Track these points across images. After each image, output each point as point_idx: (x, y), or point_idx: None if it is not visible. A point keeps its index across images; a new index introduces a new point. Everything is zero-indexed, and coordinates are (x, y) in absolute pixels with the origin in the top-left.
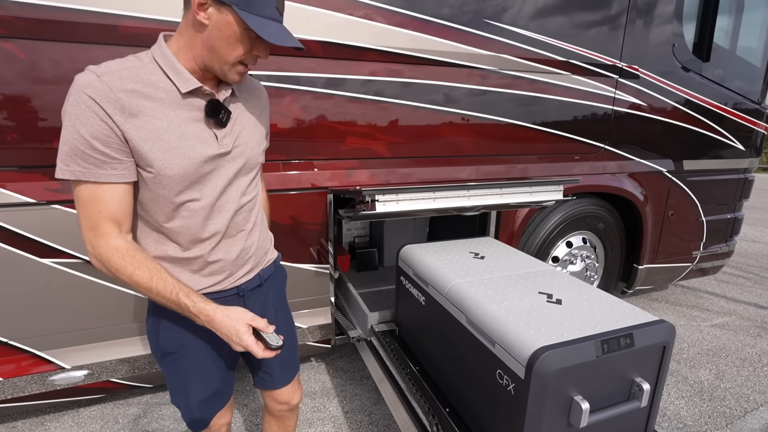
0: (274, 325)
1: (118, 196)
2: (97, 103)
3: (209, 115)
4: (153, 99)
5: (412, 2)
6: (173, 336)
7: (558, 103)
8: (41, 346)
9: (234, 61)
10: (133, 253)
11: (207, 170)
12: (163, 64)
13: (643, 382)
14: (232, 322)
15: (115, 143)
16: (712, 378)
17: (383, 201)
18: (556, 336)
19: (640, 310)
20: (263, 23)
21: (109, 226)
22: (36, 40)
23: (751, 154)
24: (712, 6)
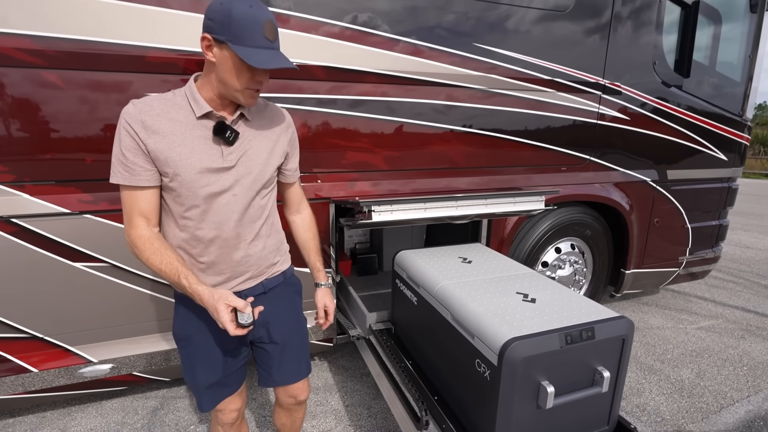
0: (256, 308)
1: (147, 197)
2: (129, 124)
3: (216, 134)
4: (174, 121)
5: (406, 28)
6: (185, 325)
7: (545, 119)
8: (72, 341)
9: (242, 88)
10: (152, 241)
11: (212, 180)
12: (188, 96)
13: (604, 370)
14: (213, 300)
15: (141, 154)
16: (693, 377)
17: (379, 211)
18: (526, 329)
19: (604, 308)
20: (252, 52)
21: (139, 220)
22: (72, 70)
23: (734, 164)
24: (690, 25)
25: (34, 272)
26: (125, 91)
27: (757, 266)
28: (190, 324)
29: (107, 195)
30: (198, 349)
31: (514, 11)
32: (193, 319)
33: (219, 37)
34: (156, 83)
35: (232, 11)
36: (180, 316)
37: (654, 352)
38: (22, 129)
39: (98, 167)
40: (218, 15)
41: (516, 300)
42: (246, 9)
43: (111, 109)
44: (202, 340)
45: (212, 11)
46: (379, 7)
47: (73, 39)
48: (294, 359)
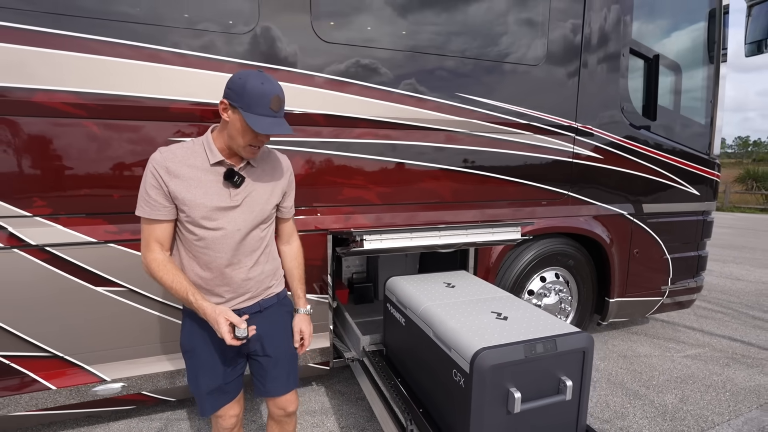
0: (250, 326)
1: (163, 227)
2: (155, 168)
3: (225, 178)
4: (192, 167)
5: (395, 79)
6: (191, 336)
7: (525, 158)
8: (89, 360)
9: (245, 144)
10: (165, 263)
11: (220, 216)
12: (205, 145)
13: (567, 380)
14: (215, 314)
15: (162, 194)
16: (677, 401)
17: (370, 240)
18: (495, 341)
19: (568, 324)
20: (258, 119)
21: (155, 245)
22: (105, 119)
23: (707, 198)
24: (653, 74)
25: (60, 295)
26: (147, 137)
27: (746, 297)
28: (195, 336)
29: (130, 226)
30: (201, 358)
31: (492, 65)
32: (198, 332)
33: (233, 103)
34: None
35: (246, 85)
36: (186, 328)
37: (640, 378)
38: (58, 168)
39: (123, 202)
40: (235, 86)
41: (490, 318)
42: (258, 85)
43: (135, 152)
44: (205, 350)
45: (231, 82)
46: (369, 60)
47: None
48: (284, 372)
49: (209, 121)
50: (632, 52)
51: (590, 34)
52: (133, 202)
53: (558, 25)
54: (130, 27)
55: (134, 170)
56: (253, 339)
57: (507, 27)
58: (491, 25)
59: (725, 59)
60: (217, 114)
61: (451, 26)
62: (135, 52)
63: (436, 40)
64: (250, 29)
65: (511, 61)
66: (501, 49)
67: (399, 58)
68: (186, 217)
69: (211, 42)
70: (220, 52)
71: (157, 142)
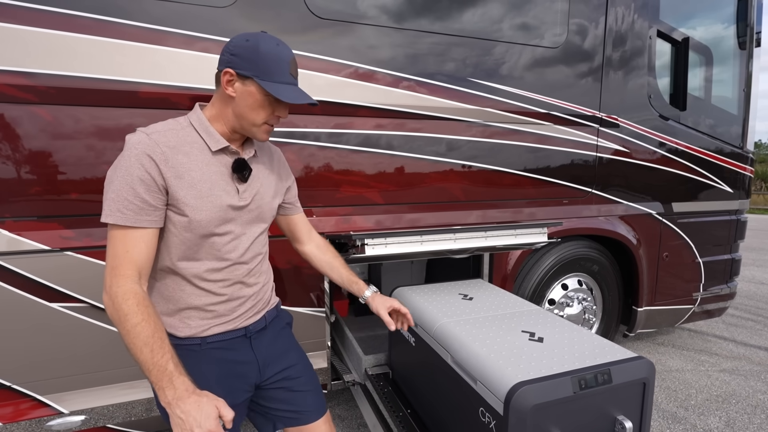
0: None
1: (147, 239)
2: (147, 155)
3: (235, 171)
4: (189, 155)
5: (403, 65)
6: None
7: (545, 152)
8: (43, 390)
9: (261, 123)
10: (147, 303)
11: (228, 218)
12: (198, 128)
13: (625, 420)
14: (203, 397)
15: (155, 191)
16: (723, 426)
17: (372, 244)
18: (534, 372)
19: (619, 347)
20: (280, 88)
21: (131, 270)
22: (59, 105)
23: (740, 196)
24: (682, 60)
25: (6, 313)
26: (111, 126)
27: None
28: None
29: (91, 231)
30: None
31: (506, 47)
32: (200, 373)
33: (243, 72)
34: (133, 117)
35: (260, 48)
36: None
37: (676, 397)
38: (2, 164)
39: (82, 203)
40: (243, 51)
41: (522, 339)
42: (273, 47)
43: (96, 145)
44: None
45: (236, 47)
46: (368, 39)
47: (62, 75)
48: (314, 391)
49: (183, 109)
50: (660, 36)
51: (615, 15)
52: (95, 202)
53: (579, 6)
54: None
55: (96, 165)
56: (263, 364)
57: (523, 6)
58: (506, 4)
59: (759, 44)
60: (193, 99)
61: (460, 4)
62: (97, 26)
63: (443, 19)
64: (232, 2)
65: (527, 44)
66: (516, 31)
67: (402, 37)
68: (188, 221)
69: (188, 16)
70: (198, 28)
71: (122, 133)
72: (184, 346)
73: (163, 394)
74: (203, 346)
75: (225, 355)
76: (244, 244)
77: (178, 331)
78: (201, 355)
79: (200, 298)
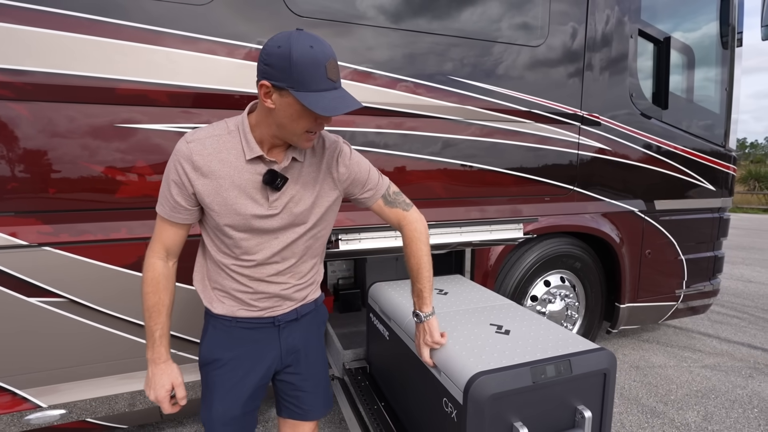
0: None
1: (175, 232)
2: (180, 162)
3: (265, 182)
4: (224, 162)
5: (386, 62)
6: (214, 347)
7: (526, 149)
8: (20, 384)
9: (301, 132)
10: (159, 279)
11: (255, 225)
12: (241, 133)
13: (585, 410)
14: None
15: (186, 195)
16: (700, 420)
17: (346, 240)
18: (495, 363)
19: (583, 339)
20: (317, 98)
21: (160, 249)
22: (36, 101)
23: (722, 194)
24: (663, 59)
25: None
26: (87, 123)
27: (761, 300)
28: (219, 346)
29: (69, 227)
30: (223, 375)
31: (488, 45)
32: (224, 343)
33: (279, 84)
34: (109, 114)
35: (292, 55)
36: (210, 335)
37: (657, 392)
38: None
39: (60, 198)
40: (276, 60)
41: (488, 332)
42: (306, 50)
43: (71, 141)
44: (229, 363)
45: (269, 55)
46: (349, 38)
47: (39, 71)
48: (322, 393)
49: (161, 105)
50: (641, 35)
51: (596, 14)
52: (73, 199)
53: (561, 5)
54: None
55: (72, 162)
56: (285, 352)
57: (505, 5)
58: (488, 3)
59: (741, 44)
60: (171, 97)
61: (441, 3)
62: (75, 24)
63: (425, 17)
64: (209, 0)
65: (509, 42)
66: (499, 30)
67: (383, 35)
68: (213, 222)
69: (167, 14)
70: (175, 25)
71: (100, 129)
72: (218, 320)
73: (146, 352)
74: (233, 323)
75: (252, 335)
76: (274, 247)
77: (213, 308)
78: (231, 330)
79: (231, 283)
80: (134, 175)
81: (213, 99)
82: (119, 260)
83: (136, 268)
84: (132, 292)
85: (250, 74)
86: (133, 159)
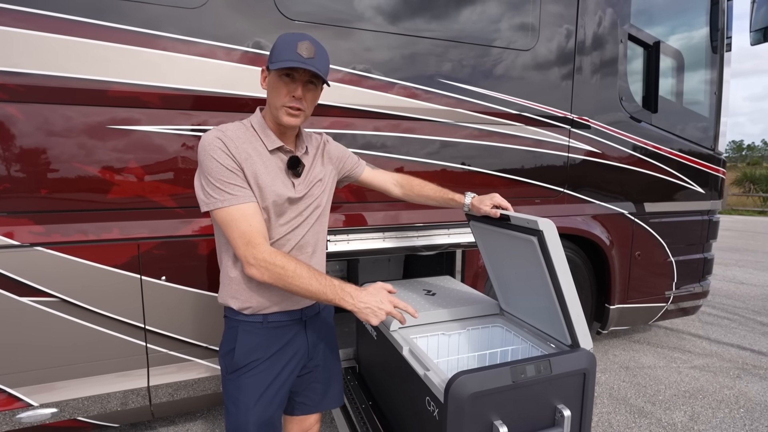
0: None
1: (258, 212)
2: (228, 148)
3: (289, 167)
4: (254, 152)
5: (374, 65)
6: (249, 351)
7: (517, 152)
8: (12, 383)
9: (279, 105)
10: (287, 255)
11: (285, 209)
12: (257, 129)
13: (564, 409)
14: (378, 296)
15: (242, 175)
16: (687, 420)
17: (334, 241)
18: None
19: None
20: (282, 63)
21: (261, 238)
22: (29, 103)
23: (712, 196)
24: (653, 64)
25: None
26: (79, 123)
27: (752, 302)
28: (255, 348)
29: (60, 227)
30: (257, 375)
31: (479, 49)
32: (259, 345)
33: (267, 66)
34: (102, 115)
35: (277, 41)
36: (243, 342)
37: (645, 393)
38: None
39: (52, 199)
40: (271, 49)
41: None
42: (288, 36)
43: (65, 142)
44: (264, 363)
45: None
46: (340, 41)
47: (32, 74)
48: (337, 382)
49: (154, 107)
50: (631, 39)
51: (586, 18)
52: (66, 199)
53: (551, 9)
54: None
55: (66, 162)
56: (312, 346)
57: (495, 8)
58: (478, 6)
59: (730, 48)
60: (162, 99)
61: (433, 6)
62: (70, 27)
63: (415, 21)
64: (203, 3)
65: (500, 46)
66: (489, 33)
67: (374, 39)
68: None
69: (158, 17)
70: (167, 28)
71: (92, 130)
72: (248, 323)
73: (345, 303)
74: (264, 324)
75: (283, 334)
76: (304, 233)
77: (245, 307)
78: (264, 331)
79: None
80: (128, 176)
81: (207, 101)
82: (111, 260)
83: (127, 268)
84: (124, 292)
85: (245, 76)
86: (126, 160)
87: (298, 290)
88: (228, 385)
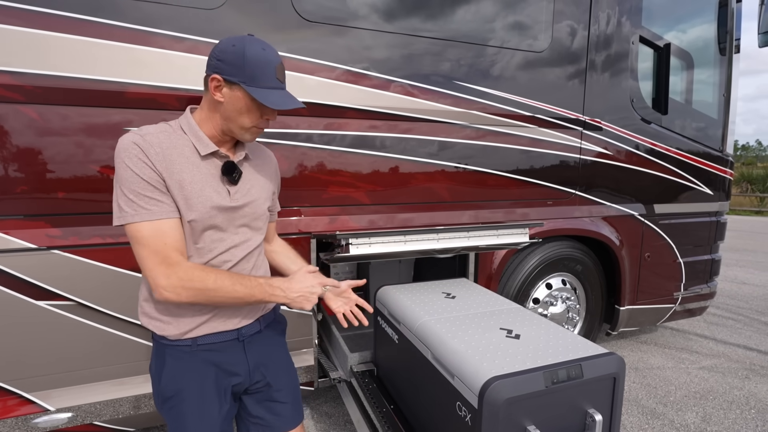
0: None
1: (176, 227)
2: (146, 155)
3: (224, 174)
4: (181, 157)
5: (389, 67)
6: (175, 379)
7: (529, 153)
8: (28, 387)
9: (249, 126)
10: (206, 268)
11: (220, 219)
12: (187, 132)
13: (595, 413)
14: (306, 282)
15: (161, 186)
16: (699, 421)
17: (356, 244)
18: (509, 367)
19: (593, 344)
20: (266, 93)
21: (177, 255)
22: (46, 104)
23: (720, 198)
24: (663, 65)
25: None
26: (97, 125)
27: (755, 302)
28: (181, 377)
29: (77, 230)
30: (190, 403)
31: (493, 51)
32: (184, 371)
33: (230, 78)
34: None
35: (246, 54)
36: (168, 368)
37: (656, 394)
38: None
39: (69, 201)
40: (230, 56)
41: (499, 336)
42: (259, 51)
43: (82, 144)
44: (195, 392)
45: (222, 52)
46: (356, 42)
47: (48, 74)
48: (291, 400)
49: (171, 109)
50: (642, 41)
51: (598, 20)
52: (83, 201)
53: (564, 11)
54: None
55: (82, 164)
56: (253, 367)
57: (508, 10)
58: (493, 8)
59: (738, 50)
60: (180, 100)
61: (447, 9)
62: (82, 27)
63: (432, 22)
64: (220, 4)
65: (513, 48)
66: (503, 35)
67: (390, 40)
68: (183, 218)
69: (176, 17)
70: (185, 29)
71: (111, 132)
72: (176, 348)
73: (277, 298)
74: (193, 347)
75: (216, 357)
76: (242, 244)
77: (168, 332)
78: (194, 355)
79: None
80: None
81: None
82: (128, 263)
83: None
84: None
85: None
86: None
87: (224, 301)
88: (164, 414)
